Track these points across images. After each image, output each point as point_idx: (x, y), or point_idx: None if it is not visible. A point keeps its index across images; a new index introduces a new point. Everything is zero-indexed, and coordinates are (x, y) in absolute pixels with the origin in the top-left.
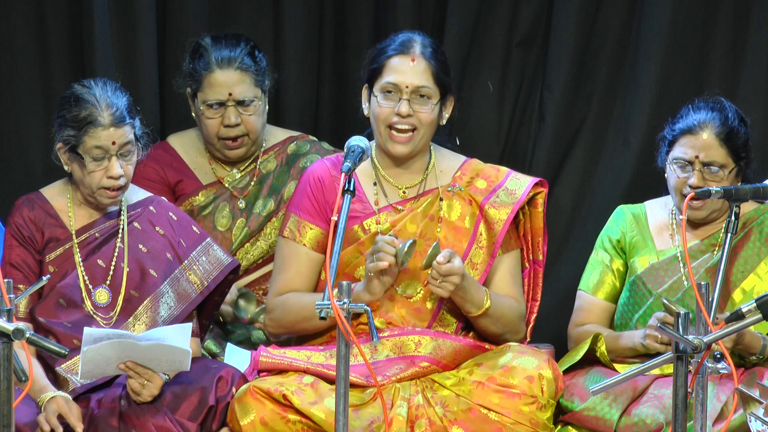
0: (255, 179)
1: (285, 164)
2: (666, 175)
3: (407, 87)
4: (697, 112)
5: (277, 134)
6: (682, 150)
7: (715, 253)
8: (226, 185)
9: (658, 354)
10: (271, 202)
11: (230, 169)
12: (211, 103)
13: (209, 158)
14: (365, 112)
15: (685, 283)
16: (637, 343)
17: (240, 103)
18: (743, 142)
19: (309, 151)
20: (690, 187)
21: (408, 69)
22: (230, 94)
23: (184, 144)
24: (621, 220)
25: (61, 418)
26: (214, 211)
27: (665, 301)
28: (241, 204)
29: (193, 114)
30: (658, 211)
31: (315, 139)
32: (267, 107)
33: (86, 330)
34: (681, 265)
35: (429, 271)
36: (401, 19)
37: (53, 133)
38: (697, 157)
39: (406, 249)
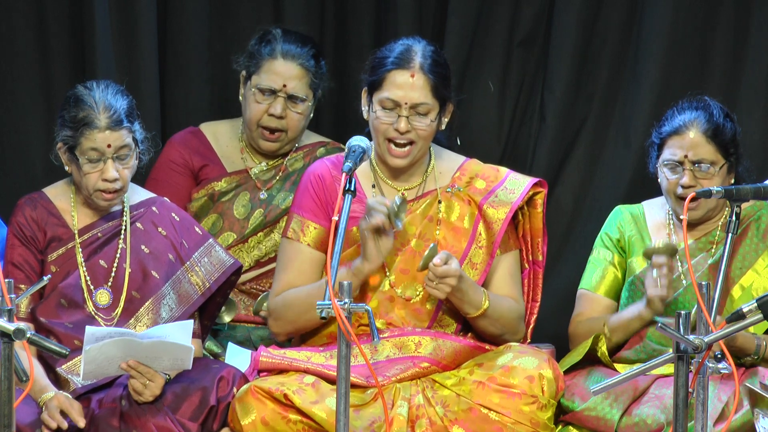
0: (281, 174)
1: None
2: (659, 179)
3: (406, 104)
4: (681, 113)
5: (311, 137)
6: (670, 152)
7: (713, 251)
8: (252, 176)
9: (661, 353)
10: (291, 196)
11: (260, 161)
12: (264, 88)
13: (242, 148)
14: (365, 116)
15: (684, 281)
16: (642, 309)
17: (290, 98)
18: (731, 138)
19: None
20: (682, 187)
21: (407, 85)
22: (285, 86)
23: (216, 132)
24: (619, 219)
25: (64, 415)
26: (233, 198)
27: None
28: (263, 195)
29: (240, 96)
30: (655, 210)
31: (344, 147)
32: (312, 113)
33: (88, 329)
34: (679, 263)
35: (426, 273)
36: (402, 19)
37: (56, 132)
38: (686, 156)
39: (398, 205)
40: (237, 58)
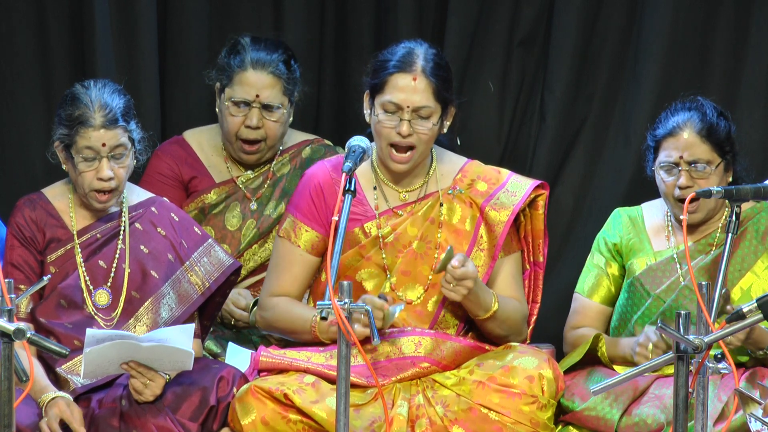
0: (269, 181)
1: (299, 168)
2: (657, 183)
3: (408, 107)
4: (675, 114)
5: (294, 137)
6: (666, 153)
7: (712, 252)
8: (240, 185)
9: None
10: (282, 205)
11: (245, 169)
12: (238, 101)
13: (225, 157)
14: (367, 119)
15: (683, 283)
16: (628, 354)
17: (265, 107)
18: (725, 136)
19: (324, 155)
20: (680, 188)
21: (409, 88)
22: (257, 96)
23: (200, 140)
24: (618, 223)
25: (62, 422)
26: (224, 210)
27: (662, 326)
28: (253, 206)
29: (216, 109)
30: (654, 212)
31: (330, 144)
32: (291, 117)
33: (88, 331)
34: (678, 265)
35: (443, 275)
36: (402, 20)
37: (53, 130)
38: (681, 157)
39: (396, 314)
40: (207, 72)
